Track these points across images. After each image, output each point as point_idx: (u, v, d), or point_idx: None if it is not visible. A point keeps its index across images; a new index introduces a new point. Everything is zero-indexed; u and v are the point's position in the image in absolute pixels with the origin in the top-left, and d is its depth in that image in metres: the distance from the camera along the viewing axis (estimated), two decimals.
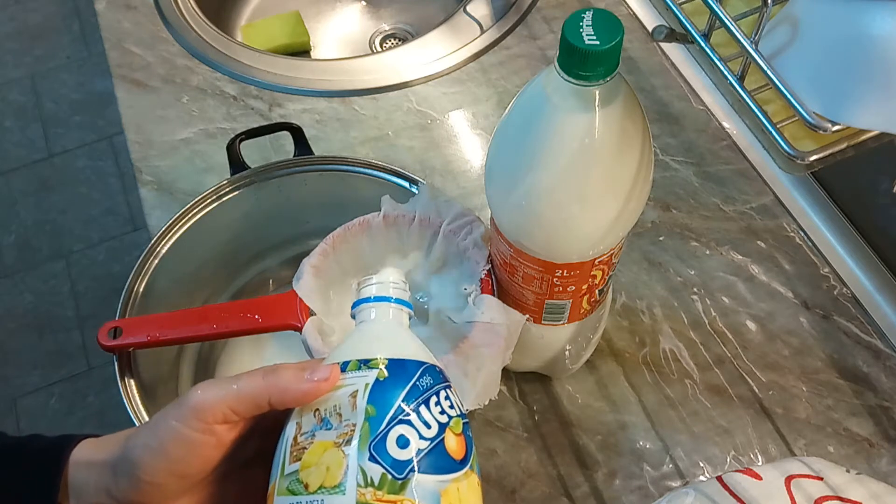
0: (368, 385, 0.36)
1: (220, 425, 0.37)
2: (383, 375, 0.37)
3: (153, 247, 0.62)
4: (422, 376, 0.37)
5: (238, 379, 0.37)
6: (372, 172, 0.65)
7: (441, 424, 0.36)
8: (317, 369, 0.37)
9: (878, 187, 0.70)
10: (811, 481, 0.45)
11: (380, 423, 0.35)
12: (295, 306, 0.54)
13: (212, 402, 0.36)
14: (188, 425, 0.36)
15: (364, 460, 0.34)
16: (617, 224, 0.47)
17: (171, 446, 0.36)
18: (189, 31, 0.89)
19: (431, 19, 1.01)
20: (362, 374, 0.37)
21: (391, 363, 0.37)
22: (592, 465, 0.63)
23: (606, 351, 0.68)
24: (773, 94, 0.44)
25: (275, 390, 0.36)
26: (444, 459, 0.35)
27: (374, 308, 0.41)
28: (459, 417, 0.37)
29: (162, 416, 0.37)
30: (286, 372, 0.37)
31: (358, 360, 0.38)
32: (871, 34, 0.39)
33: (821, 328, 0.69)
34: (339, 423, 0.35)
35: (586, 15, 0.40)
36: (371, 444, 0.34)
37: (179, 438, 0.36)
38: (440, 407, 0.37)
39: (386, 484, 0.33)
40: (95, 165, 1.86)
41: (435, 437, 0.36)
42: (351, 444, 0.34)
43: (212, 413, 0.36)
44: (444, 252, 0.58)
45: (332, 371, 0.37)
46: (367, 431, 0.35)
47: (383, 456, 0.34)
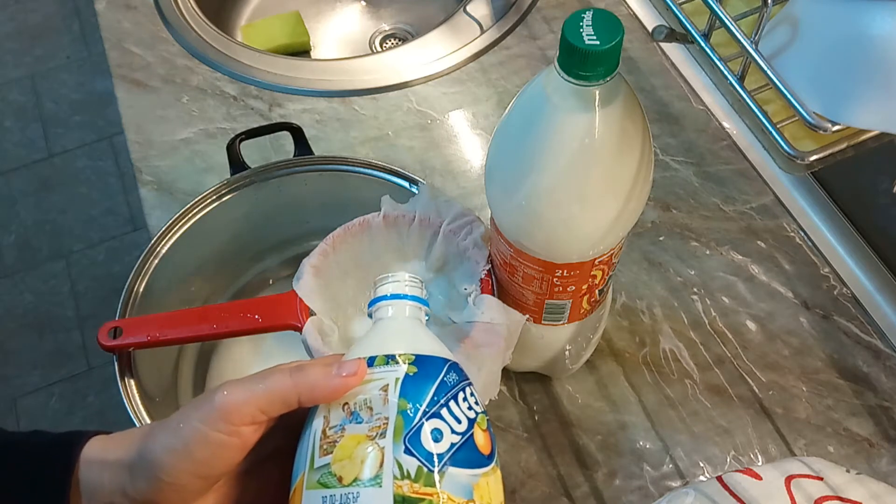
0: (399, 379, 0.36)
1: (246, 426, 0.36)
2: (413, 371, 0.37)
3: (153, 247, 0.62)
4: (448, 373, 0.38)
5: (264, 378, 0.37)
6: (372, 172, 0.65)
7: (470, 420, 0.37)
8: (344, 365, 0.36)
9: (878, 187, 0.70)
10: (811, 481, 0.45)
11: (413, 417, 0.35)
12: (295, 306, 0.54)
13: (239, 403, 0.36)
14: (214, 427, 0.36)
15: (400, 453, 0.34)
16: (617, 224, 0.47)
17: (195, 448, 0.36)
18: (189, 31, 0.89)
19: (431, 19, 1.01)
20: (391, 368, 0.37)
21: (418, 359, 0.37)
22: (592, 465, 0.63)
23: (606, 351, 0.68)
24: (773, 94, 0.44)
25: (304, 388, 0.36)
26: (474, 454, 0.36)
27: (391, 305, 0.41)
28: (483, 414, 0.38)
29: (184, 416, 0.37)
30: (314, 369, 0.37)
31: (385, 356, 0.37)
32: (871, 34, 0.39)
33: (821, 328, 0.69)
34: (370, 417, 0.35)
35: (586, 15, 0.40)
36: (406, 437, 0.34)
37: (205, 441, 0.36)
38: (467, 403, 0.37)
39: (422, 476, 0.33)
40: (95, 165, 1.86)
41: (465, 431, 0.36)
42: (386, 437, 0.34)
43: (239, 415, 0.36)
44: (444, 252, 0.58)
45: (360, 366, 0.37)
46: (402, 425, 0.35)
47: (418, 449, 0.34)
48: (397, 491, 0.33)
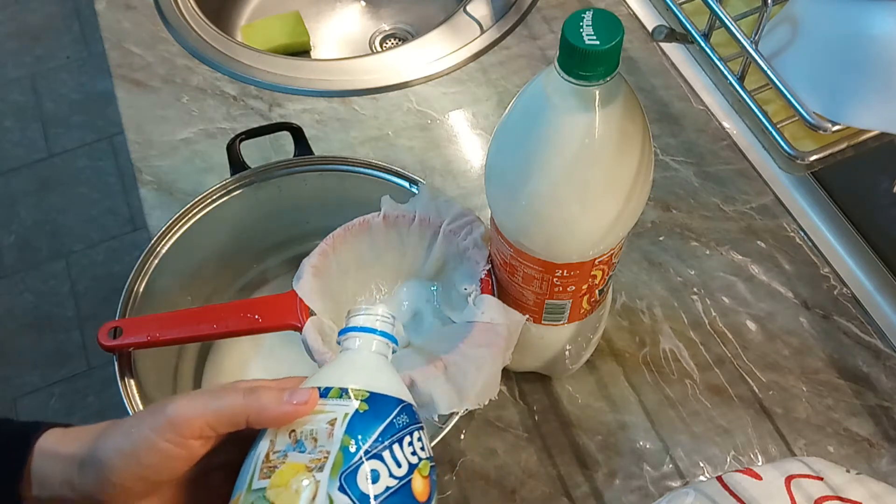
0: (348, 415, 0.37)
1: (194, 440, 0.37)
2: (364, 408, 0.37)
3: (153, 247, 0.62)
4: (399, 414, 0.38)
5: (217, 396, 0.38)
6: (372, 172, 0.65)
7: (411, 465, 0.37)
8: (296, 392, 0.37)
9: (878, 187, 0.70)
10: (811, 481, 0.45)
11: (354, 455, 0.35)
12: (295, 306, 0.54)
13: (190, 417, 0.37)
14: (163, 437, 0.37)
15: (333, 489, 0.34)
16: (617, 224, 0.47)
17: (143, 454, 0.37)
18: (189, 31, 0.89)
19: (431, 19, 1.01)
20: (343, 402, 0.37)
21: (372, 396, 0.38)
22: (592, 465, 0.63)
23: (606, 351, 0.68)
24: (773, 94, 0.44)
25: (254, 410, 0.37)
26: (409, 500, 0.36)
27: (359, 338, 0.42)
28: (427, 460, 0.38)
29: (137, 421, 0.38)
30: (267, 393, 0.37)
31: (339, 389, 0.38)
32: (871, 34, 0.39)
33: (821, 328, 0.69)
34: (313, 448, 0.36)
35: (586, 15, 0.40)
36: (342, 475, 0.35)
37: (153, 448, 0.37)
38: (412, 447, 0.37)
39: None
40: (95, 165, 1.86)
41: (404, 476, 0.36)
42: (323, 471, 0.35)
43: (188, 428, 0.37)
44: (444, 252, 0.58)
45: (312, 395, 0.37)
46: (341, 461, 0.35)
47: (352, 488, 0.34)
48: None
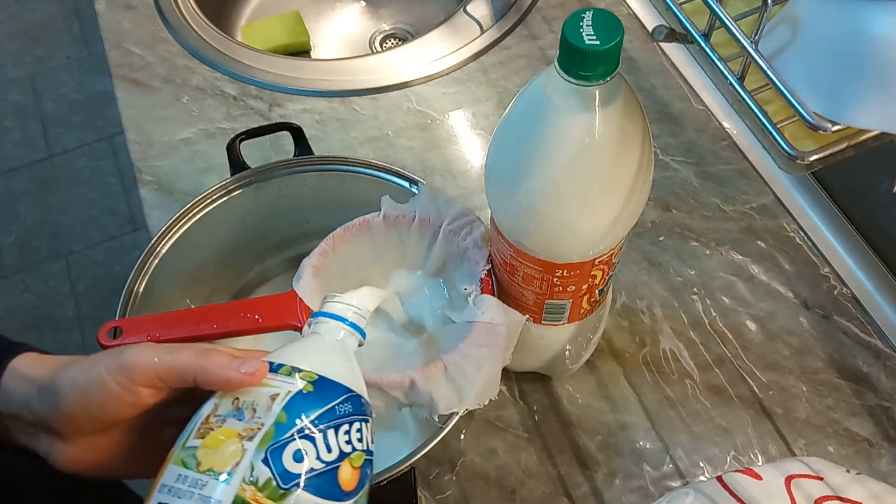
0: (290, 393, 0.38)
1: (143, 388, 0.38)
2: (308, 389, 0.38)
3: (153, 247, 0.62)
4: (343, 403, 0.39)
5: (172, 350, 0.39)
6: (372, 172, 0.65)
7: (343, 453, 0.37)
8: (247, 362, 0.38)
9: (878, 187, 0.70)
10: (811, 481, 0.45)
11: (285, 431, 0.36)
12: (295, 306, 0.54)
13: (142, 365, 0.38)
14: (114, 378, 0.38)
15: (257, 460, 0.35)
16: (617, 224, 0.47)
17: (93, 390, 0.38)
18: (189, 31, 0.89)
19: (431, 19, 1.01)
20: (290, 380, 0.38)
21: (320, 380, 0.39)
22: (592, 465, 0.63)
23: (606, 351, 0.68)
24: (773, 94, 0.44)
25: (202, 371, 0.38)
26: (331, 486, 0.36)
27: (327, 323, 0.43)
28: (363, 453, 0.38)
29: (97, 359, 0.39)
30: (219, 357, 0.38)
31: (291, 367, 0.39)
32: (872, 34, 0.39)
33: (821, 328, 0.69)
34: (250, 418, 0.37)
35: (586, 15, 0.40)
36: (269, 448, 0.35)
37: (103, 387, 0.38)
38: (348, 436, 0.38)
39: (268, 488, 0.35)
40: (95, 165, 1.86)
41: (332, 462, 0.37)
42: (252, 441, 0.36)
43: (139, 375, 0.38)
44: (444, 252, 0.58)
45: (261, 369, 0.38)
46: (271, 434, 0.36)
47: (276, 462, 0.35)
48: (241, 493, 0.34)
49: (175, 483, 0.35)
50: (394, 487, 0.52)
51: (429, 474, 0.62)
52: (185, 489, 0.35)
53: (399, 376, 0.50)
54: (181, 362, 0.39)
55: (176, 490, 0.35)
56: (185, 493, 0.34)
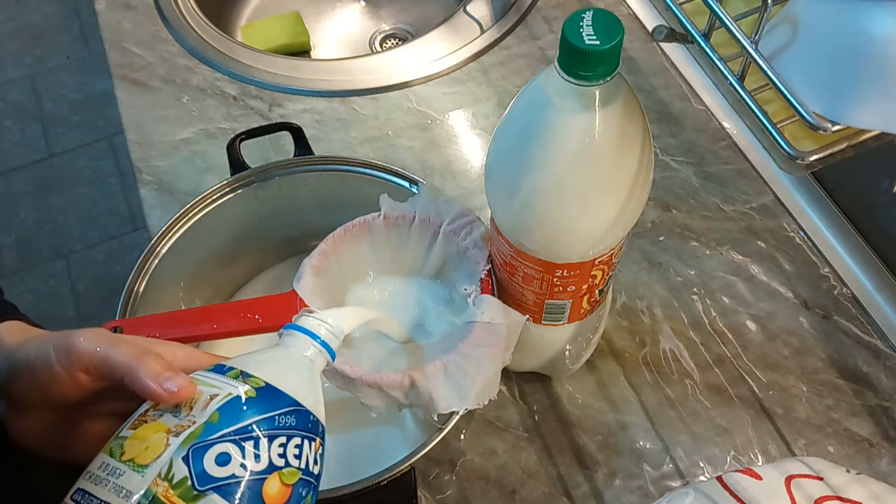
0: (230, 395, 0.37)
1: (80, 373, 0.39)
2: (250, 394, 0.37)
3: (153, 247, 0.62)
4: (287, 415, 0.37)
5: (115, 344, 0.39)
6: (372, 172, 0.65)
7: (272, 465, 0.36)
8: (175, 378, 0.37)
9: (878, 187, 0.70)
10: (811, 481, 0.45)
11: (214, 431, 0.35)
12: (295, 306, 0.54)
13: (83, 352, 0.38)
14: (57, 359, 0.39)
15: (178, 457, 0.34)
16: (617, 224, 0.47)
17: (38, 367, 0.39)
18: (189, 31, 0.89)
19: (431, 19, 1.01)
20: (233, 384, 0.37)
21: (266, 388, 0.37)
22: (592, 465, 0.63)
23: (606, 351, 0.68)
24: (773, 94, 0.44)
25: (130, 372, 0.38)
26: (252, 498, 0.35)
27: (296, 337, 0.42)
28: (298, 471, 0.36)
29: (51, 337, 0.40)
30: (152, 363, 0.38)
31: (241, 371, 0.38)
32: (871, 34, 0.39)
33: (821, 328, 0.69)
34: (185, 416, 0.36)
35: (586, 15, 0.40)
36: (192, 446, 0.35)
37: (46, 365, 0.39)
38: (283, 450, 0.36)
39: (182, 487, 0.34)
40: (95, 165, 1.86)
41: (258, 472, 0.35)
42: (178, 437, 0.35)
43: (78, 361, 0.38)
44: (444, 252, 0.58)
45: (186, 389, 0.37)
46: (198, 433, 0.35)
47: (196, 462, 0.34)
48: (153, 487, 0.33)
49: (97, 470, 0.35)
50: (394, 487, 0.52)
51: (429, 474, 0.62)
52: (103, 476, 0.34)
53: (399, 376, 0.50)
54: (115, 358, 0.38)
55: (95, 477, 0.35)
56: (103, 481, 0.34)
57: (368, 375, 0.50)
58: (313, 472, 0.38)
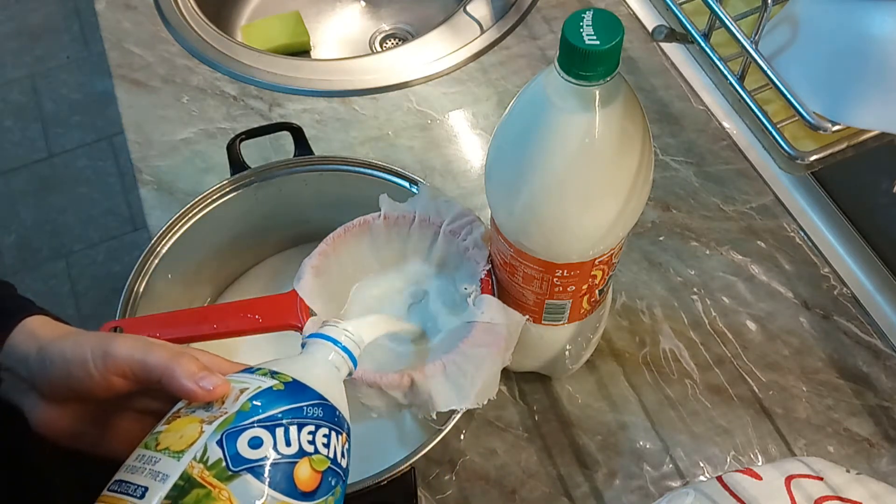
0: (259, 388, 0.38)
1: (115, 377, 0.40)
2: (279, 387, 0.38)
3: (153, 247, 0.62)
4: (314, 406, 0.38)
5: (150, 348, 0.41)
6: (372, 172, 0.65)
7: (302, 450, 0.37)
8: (210, 377, 0.39)
9: (878, 187, 0.70)
10: (811, 481, 0.45)
11: (246, 418, 0.36)
12: (295, 306, 0.54)
13: (119, 356, 0.40)
14: (94, 361, 0.40)
15: (212, 441, 0.35)
16: (617, 224, 0.47)
17: (74, 367, 0.40)
18: (189, 31, 0.89)
19: (431, 19, 1.01)
20: (263, 379, 0.39)
21: (293, 382, 0.39)
22: (592, 465, 0.63)
23: (606, 351, 0.68)
24: (773, 94, 0.44)
25: (167, 373, 0.39)
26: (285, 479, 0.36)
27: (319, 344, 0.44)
28: (327, 459, 0.38)
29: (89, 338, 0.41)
30: (188, 364, 0.39)
31: (269, 370, 0.40)
32: (872, 34, 0.39)
33: (821, 328, 0.69)
34: (217, 409, 0.37)
35: (586, 15, 0.40)
36: (226, 431, 0.36)
37: (82, 366, 0.40)
38: (312, 437, 0.37)
39: (217, 468, 0.35)
40: (95, 165, 1.86)
41: (289, 456, 0.36)
42: (211, 425, 0.36)
43: (114, 365, 0.40)
44: (444, 252, 0.58)
45: (220, 387, 0.39)
46: (230, 420, 0.36)
47: (229, 445, 0.35)
48: (188, 469, 0.34)
49: (133, 462, 0.36)
50: (394, 487, 0.52)
51: (429, 474, 0.62)
52: (139, 466, 0.35)
53: (398, 376, 0.50)
54: (152, 362, 0.40)
55: (132, 468, 0.36)
56: (139, 470, 0.35)
57: (368, 375, 0.50)
58: (341, 464, 0.39)
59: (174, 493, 0.34)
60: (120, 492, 0.35)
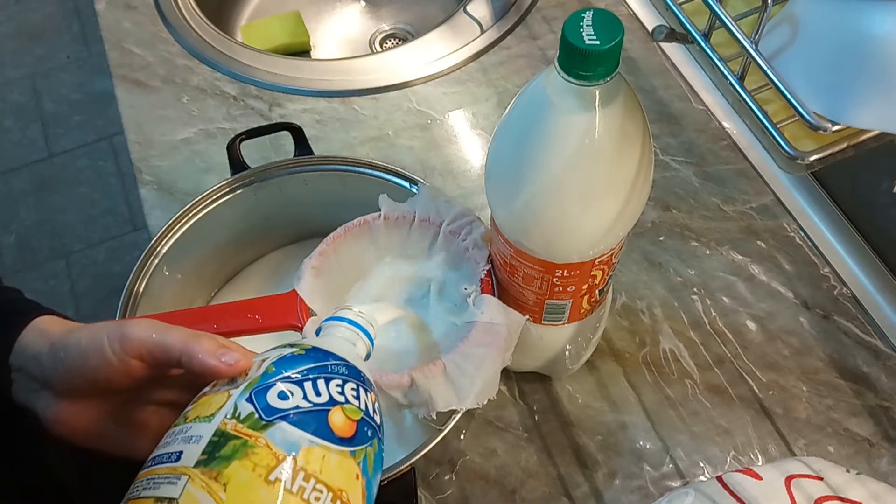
0: (281, 355, 0.38)
1: (134, 360, 0.40)
2: (300, 352, 0.39)
3: (153, 247, 0.62)
4: (338, 366, 0.39)
5: (167, 330, 0.40)
6: (372, 172, 0.65)
7: (332, 399, 0.37)
8: (230, 353, 0.39)
9: (878, 187, 0.70)
10: (811, 481, 0.45)
11: (270, 377, 0.37)
12: (295, 306, 0.54)
13: (136, 338, 0.40)
14: (111, 346, 0.40)
15: (241, 399, 0.36)
16: (617, 224, 0.47)
17: (91, 353, 0.40)
18: (189, 31, 0.89)
19: (431, 19, 1.01)
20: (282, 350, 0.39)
21: (313, 349, 0.39)
22: (592, 465, 0.63)
23: (606, 351, 0.68)
24: (773, 94, 0.44)
25: (187, 352, 0.39)
26: (320, 425, 0.36)
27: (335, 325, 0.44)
28: (359, 409, 0.38)
29: (105, 325, 0.41)
30: (207, 343, 0.39)
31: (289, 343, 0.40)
32: (872, 34, 0.39)
33: (821, 328, 0.69)
34: (242, 380, 0.38)
35: (586, 15, 0.40)
36: (253, 390, 0.36)
37: (99, 351, 0.40)
38: (341, 389, 0.37)
39: (250, 420, 0.35)
40: (95, 165, 1.87)
41: (321, 404, 0.36)
42: (237, 388, 0.37)
43: (132, 347, 0.40)
44: (444, 252, 0.58)
45: (243, 361, 0.39)
46: (257, 381, 0.37)
47: (259, 400, 0.36)
48: (221, 427, 0.34)
49: (165, 439, 0.36)
50: (394, 487, 0.52)
51: (429, 474, 0.62)
52: (171, 439, 0.36)
53: (398, 375, 0.50)
54: (170, 342, 0.40)
55: (164, 444, 0.36)
56: (172, 442, 0.35)
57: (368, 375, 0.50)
58: (374, 418, 0.39)
59: (210, 449, 0.34)
60: (154, 464, 0.35)
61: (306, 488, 0.33)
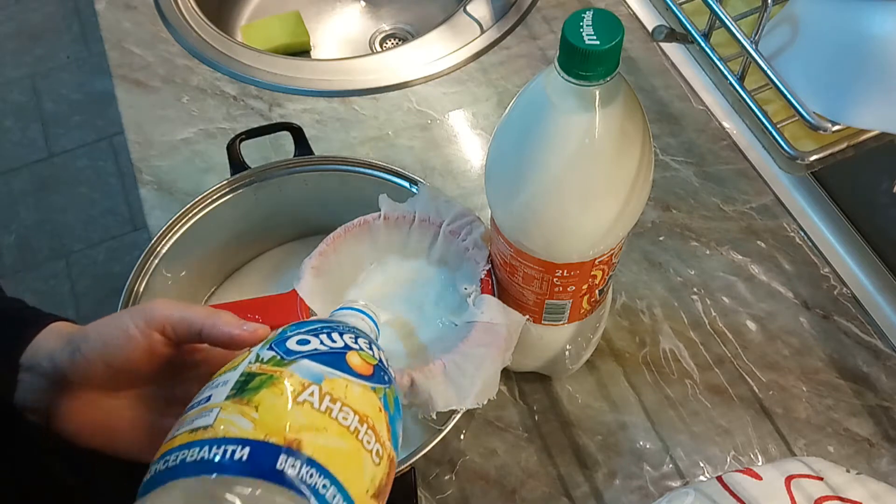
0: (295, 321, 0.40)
1: (157, 334, 0.41)
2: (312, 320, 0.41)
3: (153, 247, 0.62)
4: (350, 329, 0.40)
5: (189, 306, 0.42)
6: (372, 172, 0.65)
7: (348, 346, 0.38)
8: (251, 323, 0.41)
9: (878, 187, 0.70)
10: (811, 481, 0.45)
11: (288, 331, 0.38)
12: (295, 306, 0.54)
13: (160, 312, 0.41)
14: (133, 321, 0.41)
15: (262, 350, 0.37)
16: (617, 224, 0.47)
17: (112, 332, 0.41)
18: (189, 31, 0.89)
19: (431, 19, 1.01)
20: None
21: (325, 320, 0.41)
22: (592, 465, 0.63)
23: (606, 351, 0.68)
24: (773, 94, 0.44)
25: (208, 324, 0.41)
26: (339, 361, 0.37)
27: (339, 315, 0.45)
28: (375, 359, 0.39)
29: (126, 310, 0.43)
30: (226, 316, 0.42)
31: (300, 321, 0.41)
32: (872, 34, 0.39)
33: (821, 328, 0.69)
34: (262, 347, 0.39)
35: (586, 15, 0.40)
36: (273, 341, 0.38)
37: (121, 328, 0.41)
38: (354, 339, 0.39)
39: (273, 361, 0.36)
40: (95, 165, 1.87)
41: (338, 348, 0.38)
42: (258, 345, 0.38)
43: (156, 320, 0.41)
44: (444, 252, 0.58)
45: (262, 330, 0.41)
46: (275, 336, 0.38)
47: (280, 347, 0.37)
48: (246, 369, 0.36)
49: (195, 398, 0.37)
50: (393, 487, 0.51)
51: (429, 474, 0.62)
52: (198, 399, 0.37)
53: (399, 376, 0.50)
54: (193, 315, 0.41)
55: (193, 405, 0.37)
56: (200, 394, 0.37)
57: None
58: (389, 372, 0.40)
59: (238, 386, 0.35)
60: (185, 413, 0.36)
61: (333, 409, 0.35)
